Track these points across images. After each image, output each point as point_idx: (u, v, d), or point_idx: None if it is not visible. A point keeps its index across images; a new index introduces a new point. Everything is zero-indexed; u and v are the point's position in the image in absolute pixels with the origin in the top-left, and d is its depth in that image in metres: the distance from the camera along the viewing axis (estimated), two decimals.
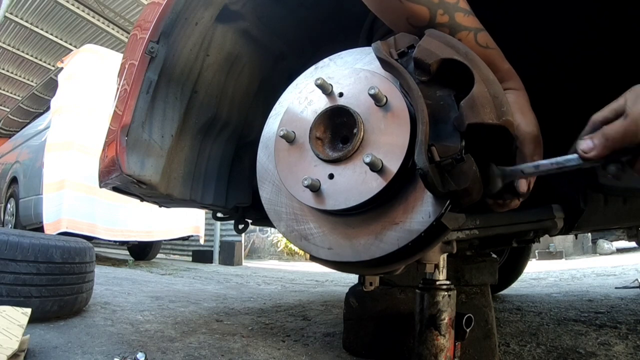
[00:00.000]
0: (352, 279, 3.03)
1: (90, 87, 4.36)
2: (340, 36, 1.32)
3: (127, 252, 6.77)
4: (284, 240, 9.75)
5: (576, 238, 6.66)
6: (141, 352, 1.23)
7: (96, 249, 2.82)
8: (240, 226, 1.75)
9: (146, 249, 6.03)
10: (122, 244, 6.02)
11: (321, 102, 0.71)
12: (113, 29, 8.12)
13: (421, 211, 0.63)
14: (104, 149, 1.34)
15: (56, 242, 1.65)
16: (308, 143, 0.70)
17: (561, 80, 1.00)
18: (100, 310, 1.97)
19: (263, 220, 1.82)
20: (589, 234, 6.49)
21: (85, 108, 4.31)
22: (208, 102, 1.36)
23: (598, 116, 0.55)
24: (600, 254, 7.17)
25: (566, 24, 0.91)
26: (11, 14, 7.36)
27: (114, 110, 1.27)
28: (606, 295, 2.67)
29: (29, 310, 1.27)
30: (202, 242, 6.16)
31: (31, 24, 7.89)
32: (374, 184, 0.63)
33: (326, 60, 0.80)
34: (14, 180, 5.38)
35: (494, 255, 1.52)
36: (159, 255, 6.76)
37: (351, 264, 0.72)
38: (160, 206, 1.63)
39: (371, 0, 0.70)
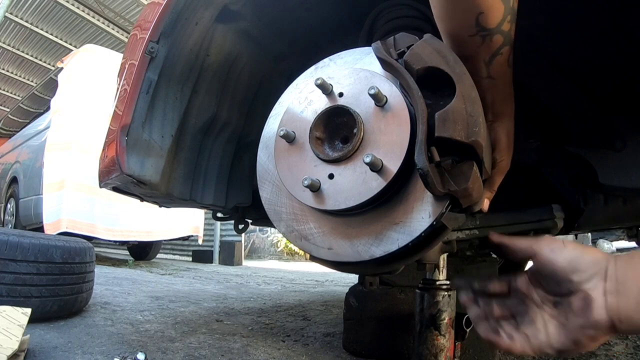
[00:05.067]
0: (352, 279, 3.02)
1: (90, 87, 4.37)
2: (340, 36, 1.32)
3: (127, 252, 6.77)
4: (284, 240, 9.75)
5: (576, 238, 6.65)
6: (141, 352, 1.23)
7: (96, 249, 2.81)
8: (240, 226, 1.75)
9: (146, 249, 6.04)
10: (122, 244, 6.03)
11: (321, 102, 0.71)
12: (113, 29, 8.13)
13: (421, 211, 0.63)
14: (104, 149, 1.34)
15: (56, 242, 1.65)
16: (308, 143, 0.70)
17: None
18: (100, 310, 1.97)
19: (263, 220, 1.82)
20: (589, 234, 6.49)
21: (85, 108, 4.31)
22: (208, 102, 1.36)
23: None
24: None
25: None
26: (11, 14, 7.37)
27: (114, 110, 1.27)
28: None
29: (29, 310, 1.27)
30: (200, 242, 6.16)
31: (31, 24, 7.89)
32: (374, 184, 0.63)
33: (326, 60, 0.80)
34: (14, 180, 5.39)
35: (494, 255, 1.51)
36: (159, 255, 6.76)
37: (351, 264, 0.72)
38: (160, 206, 1.63)
39: None
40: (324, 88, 0.70)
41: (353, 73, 0.70)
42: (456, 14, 0.62)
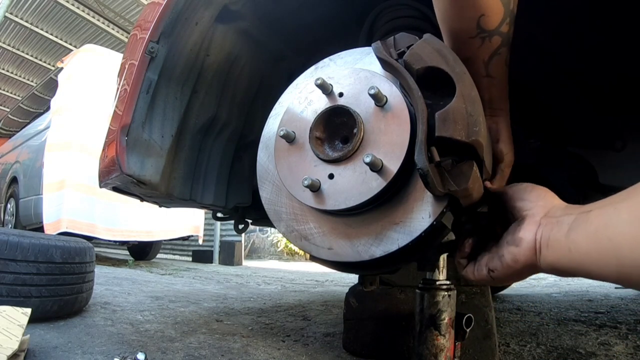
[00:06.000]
0: (352, 279, 3.03)
1: (90, 87, 4.37)
2: (341, 36, 1.32)
3: (127, 252, 6.77)
4: (284, 240, 9.75)
5: None
6: (141, 352, 1.23)
7: (96, 249, 2.81)
8: (240, 226, 1.75)
9: (146, 249, 6.04)
10: (122, 244, 6.03)
11: (321, 102, 0.71)
12: (113, 29, 8.13)
13: (421, 211, 0.63)
14: (104, 149, 1.34)
15: (56, 242, 1.65)
16: (308, 143, 0.70)
17: None
18: (100, 310, 1.97)
19: (263, 220, 1.82)
20: None
21: (85, 108, 4.31)
22: (208, 102, 1.36)
23: None
24: None
25: None
26: (11, 14, 7.37)
27: (114, 110, 1.27)
28: (606, 295, 2.67)
29: (29, 310, 1.27)
30: (200, 242, 6.17)
31: (31, 24, 7.90)
32: (374, 184, 0.63)
33: (326, 60, 0.80)
34: (14, 180, 5.39)
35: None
36: (159, 255, 6.76)
37: (351, 264, 0.72)
38: (160, 206, 1.63)
39: None
40: (324, 88, 0.70)
41: (353, 73, 0.70)
42: (458, 16, 0.64)
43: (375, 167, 0.62)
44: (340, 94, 0.70)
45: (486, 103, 0.70)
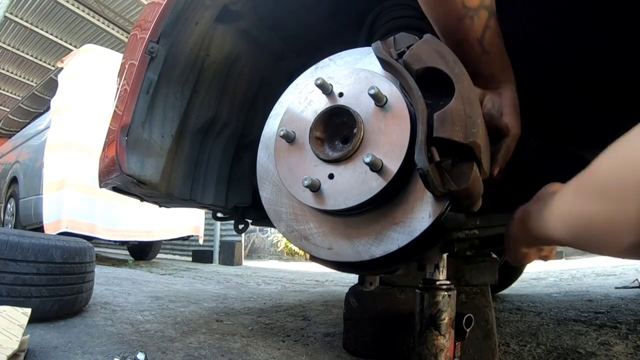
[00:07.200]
0: (352, 279, 3.03)
1: (90, 87, 4.36)
2: (341, 36, 1.32)
3: (127, 252, 6.77)
4: (284, 240, 9.75)
5: None
6: (141, 352, 1.22)
7: (96, 249, 2.81)
8: (240, 226, 1.75)
9: (146, 249, 6.03)
10: (122, 244, 6.03)
11: (321, 102, 0.71)
12: (113, 29, 8.13)
13: (421, 211, 0.63)
14: (104, 149, 1.34)
15: (56, 242, 1.65)
16: (308, 143, 0.70)
17: None
18: (100, 310, 1.97)
19: (263, 220, 1.82)
20: None
21: (85, 108, 4.31)
22: (208, 102, 1.36)
23: None
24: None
25: None
26: (11, 14, 7.37)
27: (114, 110, 1.27)
28: (606, 295, 2.67)
29: (29, 310, 1.27)
30: (201, 242, 6.16)
31: (31, 24, 7.90)
32: (374, 184, 0.63)
33: (326, 60, 0.80)
34: (14, 180, 5.38)
35: (494, 255, 1.51)
36: (159, 255, 6.76)
37: (351, 264, 0.72)
38: (160, 206, 1.63)
39: None
40: (324, 88, 0.70)
41: (353, 73, 0.70)
42: (443, 1, 0.66)
43: (375, 167, 0.62)
44: (340, 94, 0.70)
45: (488, 79, 0.71)
